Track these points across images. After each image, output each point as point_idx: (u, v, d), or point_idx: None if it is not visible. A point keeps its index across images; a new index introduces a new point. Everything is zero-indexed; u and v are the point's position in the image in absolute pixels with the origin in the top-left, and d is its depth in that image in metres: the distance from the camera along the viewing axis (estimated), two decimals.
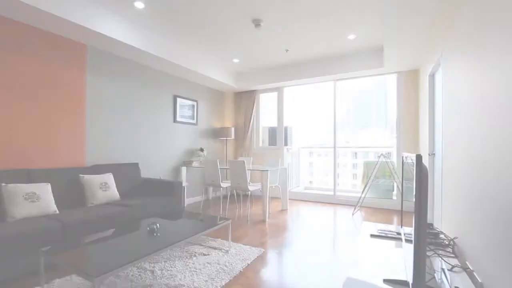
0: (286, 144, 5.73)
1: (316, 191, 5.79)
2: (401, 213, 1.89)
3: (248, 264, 2.34)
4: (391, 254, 1.52)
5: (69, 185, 2.88)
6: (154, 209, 3.13)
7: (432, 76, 3.23)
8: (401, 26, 2.82)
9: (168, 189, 3.44)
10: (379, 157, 4.17)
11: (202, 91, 5.40)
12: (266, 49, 4.28)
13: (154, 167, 4.32)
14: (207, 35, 3.73)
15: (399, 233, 1.83)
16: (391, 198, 4.67)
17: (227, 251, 2.59)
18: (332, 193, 5.11)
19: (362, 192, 4.34)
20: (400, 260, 1.43)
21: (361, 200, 4.46)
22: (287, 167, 5.05)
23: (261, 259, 2.46)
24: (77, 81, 3.25)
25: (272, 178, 4.57)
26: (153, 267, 2.24)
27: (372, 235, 1.83)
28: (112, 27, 3.13)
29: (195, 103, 5.17)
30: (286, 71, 5.13)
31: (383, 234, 1.83)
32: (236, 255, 2.51)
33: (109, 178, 3.14)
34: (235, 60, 4.78)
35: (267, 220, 3.78)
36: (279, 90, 5.66)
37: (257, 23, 3.28)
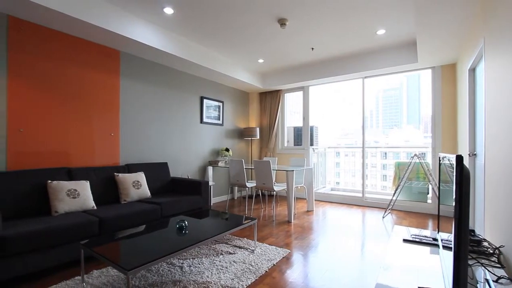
0: (311, 144, 5.63)
1: (343, 192, 5.62)
2: (437, 217, 1.77)
3: (274, 265, 2.33)
4: (427, 261, 1.43)
5: (105, 183, 3.07)
6: (182, 207, 3.24)
7: (472, 71, 2.99)
8: (437, 17, 2.64)
9: (195, 188, 3.53)
10: (412, 157, 3.94)
11: (228, 92, 5.49)
12: (291, 48, 4.24)
13: (182, 167, 4.46)
14: (233, 37, 3.77)
15: (435, 239, 1.72)
16: (425, 202, 4.39)
17: (252, 251, 2.60)
18: (360, 194, 4.93)
19: (394, 194, 4.13)
20: (437, 268, 1.34)
21: (392, 203, 4.25)
22: (313, 167, 4.97)
23: (286, 260, 2.44)
24: (112, 85, 3.46)
25: (297, 178, 4.52)
26: (182, 263, 2.32)
27: (405, 240, 1.73)
28: (143, 34, 3.28)
29: (220, 104, 5.26)
30: (311, 70, 5.04)
31: (417, 239, 1.72)
32: (262, 255, 2.51)
33: (140, 176, 3.29)
34: (260, 61, 4.80)
35: (292, 221, 3.75)
36: (304, 89, 5.57)
37: (282, 22, 3.26)
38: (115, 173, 3.16)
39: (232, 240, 2.93)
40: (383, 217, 3.96)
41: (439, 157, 1.46)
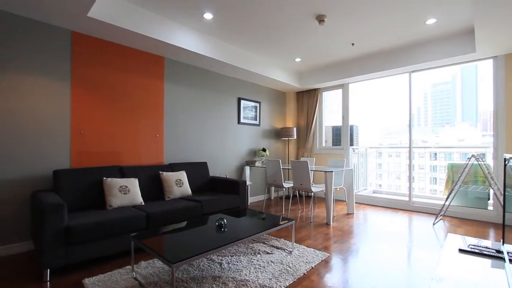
0: (351, 144, 5.39)
1: (387, 195, 5.28)
2: (502, 227, 1.57)
3: (312, 267, 2.28)
4: (488, 275, 1.27)
5: (151, 181, 3.30)
6: (221, 206, 3.33)
7: None
8: None
9: (233, 187, 3.61)
10: (469, 159, 3.54)
11: (265, 92, 5.52)
12: (329, 45, 4.11)
13: (220, 166, 4.60)
14: (270, 37, 3.78)
15: (499, 251, 1.52)
16: (485, 208, 3.91)
17: (290, 252, 2.58)
18: (406, 198, 4.59)
19: (446, 199, 3.76)
20: (500, 284, 1.18)
21: (444, 209, 3.88)
22: (353, 168, 4.75)
23: (325, 264, 2.36)
24: (157, 89, 3.71)
25: (336, 179, 4.36)
26: (221, 260, 2.39)
27: (461, 250, 1.56)
28: (185, 39, 3.46)
29: (257, 105, 5.31)
30: (351, 66, 4.83)
31: (476, 250, 1.54)
32: (300, 256, 2.47)
33: (182, 175, 3.47)
34: (297, 59, 4.73)
35: (331, 223, 3.63)
36: (343, 87, 5.36)
37: (320, 19, 3.17)
38: (160, 172, 3.37)
39: (269, 240, 2.93)
40: (434, 224, 3.63)
41: (505, 159, 1.29)
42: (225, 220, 2.36)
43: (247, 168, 4.87)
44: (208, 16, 3.18)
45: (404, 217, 3.99)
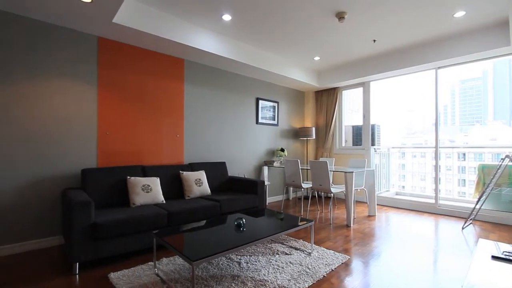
0: (373, 144, 5.23)
1: (411, 197, 5.06)
2: None
3: (332, 270, 2.24)
4: None
5: (172, 180, 3.39)
6: (239, 205, 3.35)
7: None
8: None
9: (252, 187, 3.62)
10: (502, 159, 3.32)
11: (283, 92, 5.49)
12: (349, 43, 4.01)
13: (238, 166, 4.63)
14: (288, 36, 3.76)
15: None
16: None
17: (309, 253, 2.54)
18: (432, 200, 4.38)
19: (477, 202, 3.55)
20: None
21: (474, 212, 3.66)
22: (375, 169, 4.60)
23: (346, 267, 2.31)
24: (177, 91, 3.80)
25: (357, 180, 4.25)
26: (240, 259, 2.40)
27: (494, 257, 1.47)
28: (204, 41, 3.52)
29: (276, 104, 5.30)
30: (372, 64, 4.69)
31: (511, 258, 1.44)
32: (319, 258, 2.43)
33: (202, 175, 3.53)
34: (316, 58, 4.66)
35: (351, 225, 3.54)
36: (364, 85, 5.21)
37: (340, 16, 3.10)
38: (180, 171, 3.45)
39: (287, 240, 2.91)
40: (463, 228, 3.43)
41: None
42: (244, 220, 2.37)
43: (265, 168, 4.87)
44: (226, 17, 3.21)
45: (430, 221, 3.81)
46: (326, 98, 5.68)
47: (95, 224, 2.22)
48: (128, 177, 2.94)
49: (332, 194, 3.77)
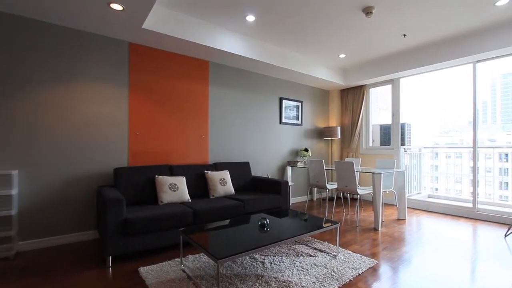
0: (403, 143, 4.98)
1: (445, 200, 4.75)
2: None
3: (359, 274, 2.16)
4: None
5: (197, 179, 3.47)
6: (263, 205, 3.36)
7: None
8: None
9: (275, 187, 3.61)
10: None
11: (307, 91, 5.41)
12: (377, 38, 3.86)
13: (262, 166, 4.64)
14: (312, 34, 3.69)
15: None
16: None
17: (334, 256, 2.48)
18: (469, 205, 4.07)
19: None
20: None
21: None
22: (405, 170, 4.38)
23: (373, 272, 2.22)
24: (202, 92, 3.89)
25: (386, 182, 4.07)
26: (264, 259, 2.40)
27: None
28: (228, 43, 3.56)
29: (299, 104, 5.23)
30: (402, 60, 4.46)
31: None
32: (345, 262, 2.37)
33: (226, 174, 3.59)
34: (341, 56, 4.54)
35: (379, 228, 3.40)
36: (393, 82, 4.98)
37: (368, 11, 2.99)
38: (205, 171, 3.53)
39: (312, 242, 2.86)
40: (506, 235, 3.16)
41: None
42: (267, 220, 2.37)
43: (289, 168, 4.83)
44: (250, 18, 3.23)
45: (467, 226, 3.55)
46: (352, 97, 5.50)
47: (126, 220, 2.34)
48: (156, 176, 3.06)
49: (358, 196, 3.65)
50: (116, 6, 2.46)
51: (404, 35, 3.72)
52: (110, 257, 2.30)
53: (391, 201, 4.96)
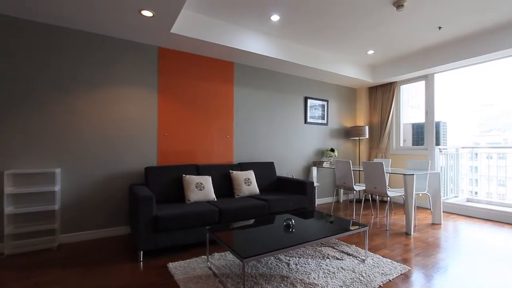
0: (438, 143, 4.68)
1: (486, 205, 4.38)
2: None
3: (390, 280, 2.07)
4: None
5: (222, 179, 3.53)
6: (288, 206, 3.33)
7: None
8: None
9: (300, 188, 3.57)
10: None
11: (333, 90, 5.28)
12: (409, 32, 3.66)
13: (286, 166, 4.60)
14: (339, 32, 3.59)
15: None
16: None
17: (363, 260, 2.39)
18: None
19: None
20: None
21: None
22: (440, 171, 4.11)
23: (405, 279, 2.11)
24: (227, 93, 3.95)
25: (419, 184, 3.85)
26: (289, 260, 2.38)
27: None
28: (252, 43, 3.58)
29: (325, 103, 5.12)
30: (437, 54, 4.19)
31: None
32: (374, 266, 2.27)
33: (251, 174, 3.61)
34: (370, 52, 4.36)
35: (412, 233, 3.22)
36: (427, 78, 4.70)
37: (399, 4, 2.85)
38: (230, 170, 3.58)
39: (338, 245, 2.79)
40: None
41: None
42: (293, 221, 2.35)
43: (314, 169, 4.74)
44: (275, 18, 3.22)
45: None
46: (382, 94, 5.27)
47: (156, 217, 2.44)
48: (184, 175, 3.16)
49: (388, 198, 3.49)
50: (147, 13, 2.58)
51: (440, 27, 3.49)
52: (142, 252, 2.42)
53: (425, 204, 4.68)
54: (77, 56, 2.94)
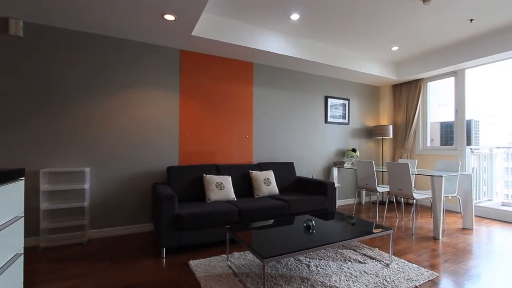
0: (469, 143, 4.41)
1: None
2: None
3: (416, 287, 1.97)
4: None
5: (242, 179, 3.55)
6: (308, 207, 3.28)
7: None
8: None
9: (321, 189, 3.51)
10: None
11: (354, 89, 5.14)
12: (437, 26, 3.48)
13: (306, 166, 4.54)
14: (361, 28, 3.49)
15: None
16: None
17: (387, 265, 2.31)
18: None
19: None
20: None
21: None
22: (472, 173, 3.87)
23: (433, 285, 2.00)
24: (247, 94, 3.97)
25: (448, 186, 3.65)
26: (309, 262, 2.35)
27: None
28: (272, 43, 3.57)
29: (346, 102, 5.00)
30: (468, 48, 3.95)
31: None
32: (399, 271, 2.18)
33: (270, 174, 3.60)
34: (394, 48, 4.20)
35: (440, 238, 3.06)
36: (457, 74, 4.44)
37: None
38: (250, 170, 3.59)
39: (361, 248, 2.71)
40: None
41: None
42: (313, 222, 2.31)
43: (335, 169, 4.64)
44: (294, 16, 3.19)
45: None
46: (407, 92, 5.06)
47: (178, 216, 2.51)
48: (204, 174, 3.21)
49: (414, 201, 3.33)
50: (169, 17, 2.66)
51: (471, 20, 3.29)
52: (164, 249, 2.49)
53: (455, 208, 4.43)
54: (105, 60, 3.08)
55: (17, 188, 1.16)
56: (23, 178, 1.22)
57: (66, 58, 2.91)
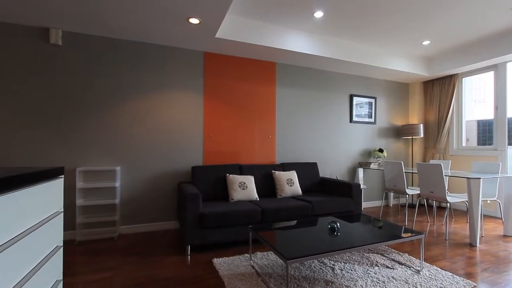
0: (511, 143, 4.06)
1: None
2: None
3: None
4: None
5: (264, 179, 3.55)
6: (332, 208, 3.21)
7: None
8: None
9: (345, 190, 3.41)
10: None
11: (381, 86, 4.94)
12: (473, 17, 3.24)
13: (330, 167, 4.44)
14: (389, 23, 3.35)
15: None
16: None
17: (417, 271, 2.19)
18: None
19: None
20: None
21: None
22: None
23: None
24: (269, 94, 3.96)
25: (486, 189, 3.38)
26: (333, 265, 2.29)
27: None
28: (294, 42, 3.54)
29: (372, 100, 4.82)
30: (509, 40, 3.63)
31: None
32: (431, 279, 2.06)
33: (293, 175, 3.56)
34: (425, 43, 3.97)
35: (477, 244, 2.84)
36: (497, 68, 4.10)
37: None
38: (272, 171, 3.58)
39: (389, 252, 2.59)
40: None
41: None
42: (338, 224, 2.26)
43: (360, 170, 4.49)
44: (318, 14, 3.13)
45: None
46: (439, 89, 4.76)
47: (202, 214, 2.57)
48: (227, 174, 3.26)
49: (448, 204, 3.13)
50: (194, 20, 2.73)
51: None
52: (189, 246, 2.56)
53: (494, 213, 4.10)
54: (132, 64, 3.24)
55: (58, 185, 1.26)
56: (63, 176, 1.31)
57: (97, 63, 3.10)
